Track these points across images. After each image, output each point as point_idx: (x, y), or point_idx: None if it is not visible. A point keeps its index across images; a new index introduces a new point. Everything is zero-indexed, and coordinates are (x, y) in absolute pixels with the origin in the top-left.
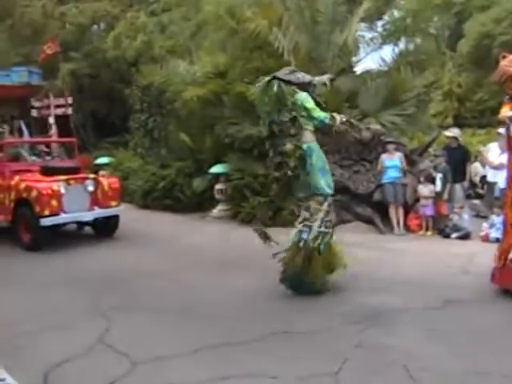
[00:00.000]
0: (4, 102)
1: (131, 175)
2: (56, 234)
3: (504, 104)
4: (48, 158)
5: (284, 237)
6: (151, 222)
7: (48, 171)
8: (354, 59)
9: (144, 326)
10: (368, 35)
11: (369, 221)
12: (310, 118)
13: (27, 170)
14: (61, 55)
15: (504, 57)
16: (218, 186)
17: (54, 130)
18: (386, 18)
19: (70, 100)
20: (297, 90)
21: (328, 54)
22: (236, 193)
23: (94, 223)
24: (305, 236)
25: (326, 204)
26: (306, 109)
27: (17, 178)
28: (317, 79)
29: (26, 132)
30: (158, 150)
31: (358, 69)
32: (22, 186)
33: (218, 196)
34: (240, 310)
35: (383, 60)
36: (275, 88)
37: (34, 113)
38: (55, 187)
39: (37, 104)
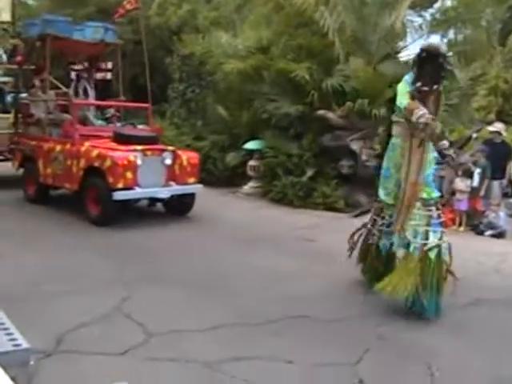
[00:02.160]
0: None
1: (166, 145)
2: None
3: None
4: (118, 124)
5: (314, 219)
6: None
7: (122, 139)
8: (401, 44)
9: (164, 299)
10: (417, 21)
11: None
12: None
13: (96, 135)
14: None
15: None
16: (251, 163)
17: (92, 95)
18: (436, 5)
19: (109, 65)
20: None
21: (374, 36)
22: (268, 171)
23: (168, 200)
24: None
25: (383, 213)
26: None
27: (87, 143)
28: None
29: (91, 93)
30: (193, 121)
31: (404, 55)
32: (94, 153)
33: (250, 172)
34: (261, 289)
35: None
36: None
37: (72, 75)
38: (131, 157)
39: (76, 67)
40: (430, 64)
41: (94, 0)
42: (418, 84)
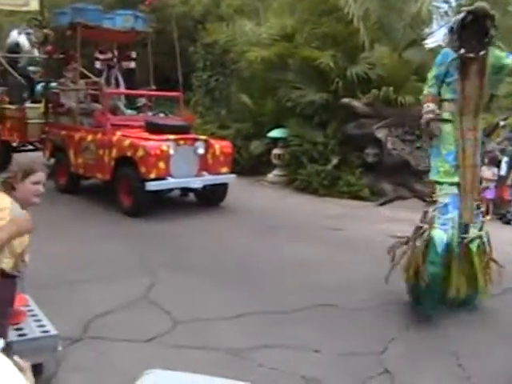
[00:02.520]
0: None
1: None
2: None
3: None
4: (149, 113)
5: (339, 208)
6: None
7: (154, 128)
8: (426, 31)
9: (189, 286)
10: (443, 7)
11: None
12: None
13: (127, 125)
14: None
15: None
16: (275, 151)
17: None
18: None
19: (133, 54)
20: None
21: (399, 23)
22: (293, 159)
23: (200, 191)
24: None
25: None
26: None
27: (119, 133)
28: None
29: (122, 83)
30: (217, 110)
31: (429, 41)
32: (126, 142)
33: (274, 161)
34: (287, 278)
35: None
36: None
37: (97, 65)
38: (164, 147)
39: (101, 56)
40: (474, 28)
41: None
42: (462, 51)
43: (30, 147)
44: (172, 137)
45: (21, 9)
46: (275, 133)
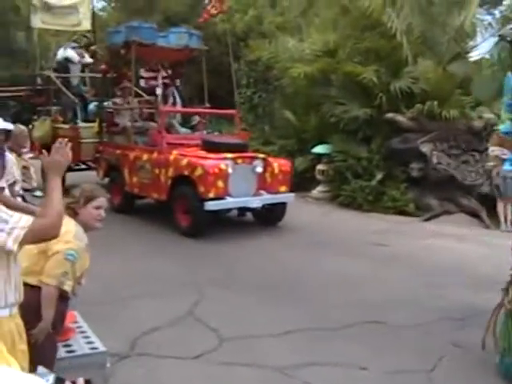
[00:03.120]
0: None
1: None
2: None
3: None
4: (205, 131)
5: (384, 224)
6: None
7: (212, 147)
8: (471, 44)
9: (235, 303)
10: (487, 19)
11: (473, 214)
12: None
13: (183, 143)
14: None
15: None
16: (319, 167)
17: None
18: (506, 2)
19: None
20: None
21: (443, 36)
22: (337, 175)
23: (259, 210)
24: None
25: None
26: None
27: (175, 152)
28: None
29: (178, 100)
30: (261, 126)
31: (474, 54)
32: (183, 161)
33: (319, 177)
34: (333, 294)
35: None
36: None
37: (142, 83)
38: (223, 166)
39: (145, 74)
40: None
41: (160, 8)
42: None
43: (83, 166)
44: (230, 155)
45: (74, 29)
46: (319, 149)
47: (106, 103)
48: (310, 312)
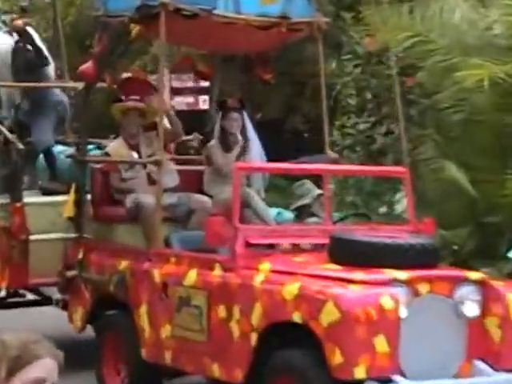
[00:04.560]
0: None
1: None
2: None
3: None
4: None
5: None
6: None
7: (355, 253)
8: None
9: None
10: None
11: None
12: None
13: (280, 244)
14: None
15: None
16: None
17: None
18: None
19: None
20: None
21: None
22: None
23: None
24: None
25: None
26: None
27: (266, 264)
28: None
29: (258, 143)
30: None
31: None
32: (288, 290)
33: None
34: None
35: None
36: None
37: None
38: (385, 300)
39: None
40: None
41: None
42: None
43: (30, 298)
44: (401, 274)
45: None
46: None
47: (92, 151)
48: None
